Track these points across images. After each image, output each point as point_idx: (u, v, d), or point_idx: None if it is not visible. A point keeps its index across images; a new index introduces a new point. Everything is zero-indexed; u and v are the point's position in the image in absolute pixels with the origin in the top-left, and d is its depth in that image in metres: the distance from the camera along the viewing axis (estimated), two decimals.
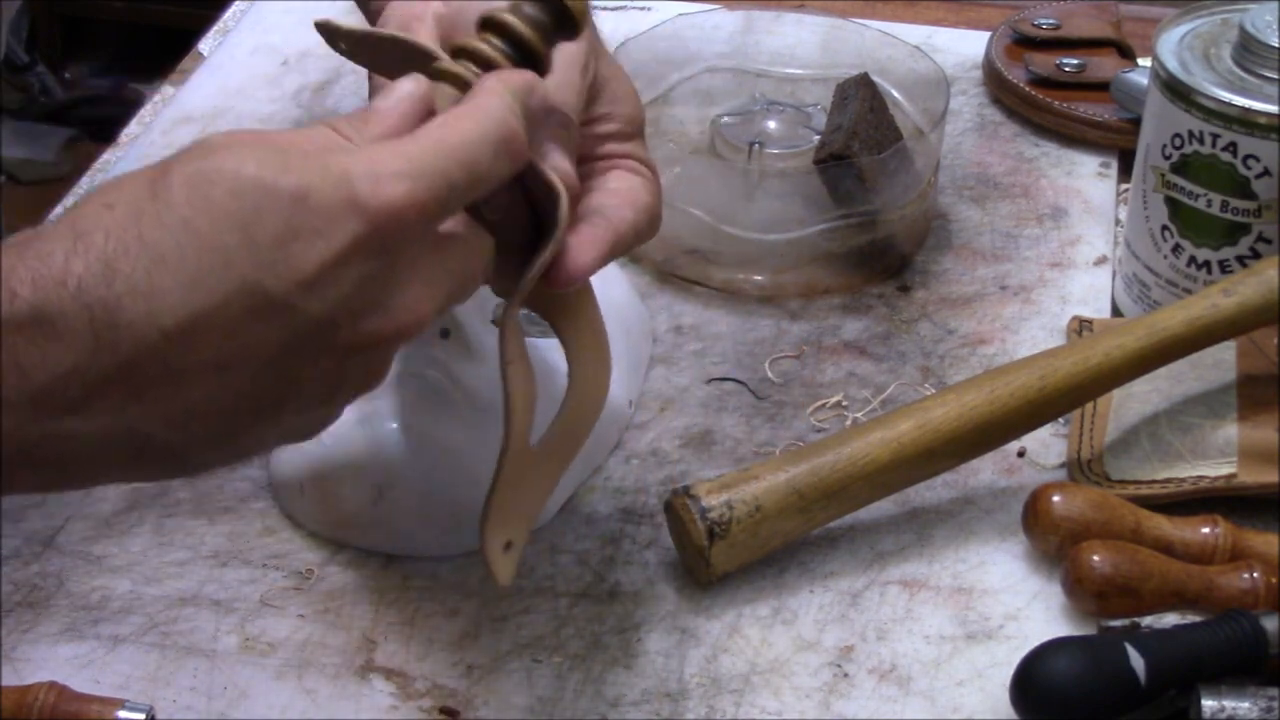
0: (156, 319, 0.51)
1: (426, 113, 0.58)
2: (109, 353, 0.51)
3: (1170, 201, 0.86)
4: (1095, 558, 0.71)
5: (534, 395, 0.64)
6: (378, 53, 0.66)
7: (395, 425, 0.76)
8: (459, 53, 0.61)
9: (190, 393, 0.52)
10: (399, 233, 0.53)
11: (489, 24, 0.61)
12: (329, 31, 0.66)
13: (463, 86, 0.59)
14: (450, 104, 0.59)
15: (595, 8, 1.09)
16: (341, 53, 0.67)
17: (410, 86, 0.58)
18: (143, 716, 0.67)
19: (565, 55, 0.66)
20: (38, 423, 0.51)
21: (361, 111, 0.58)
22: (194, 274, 0.51)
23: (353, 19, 0.68)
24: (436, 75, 0.60)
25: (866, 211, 0.92)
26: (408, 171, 0.53)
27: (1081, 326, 0.88)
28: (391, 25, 0.67)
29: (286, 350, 0.53)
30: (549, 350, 0.80)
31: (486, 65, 0.60)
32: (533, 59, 0.61)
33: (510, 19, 0.61)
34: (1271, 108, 0.80)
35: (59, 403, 0.51)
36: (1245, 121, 0.81)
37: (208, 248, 0.51)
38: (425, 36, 0.65)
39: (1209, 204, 0.84)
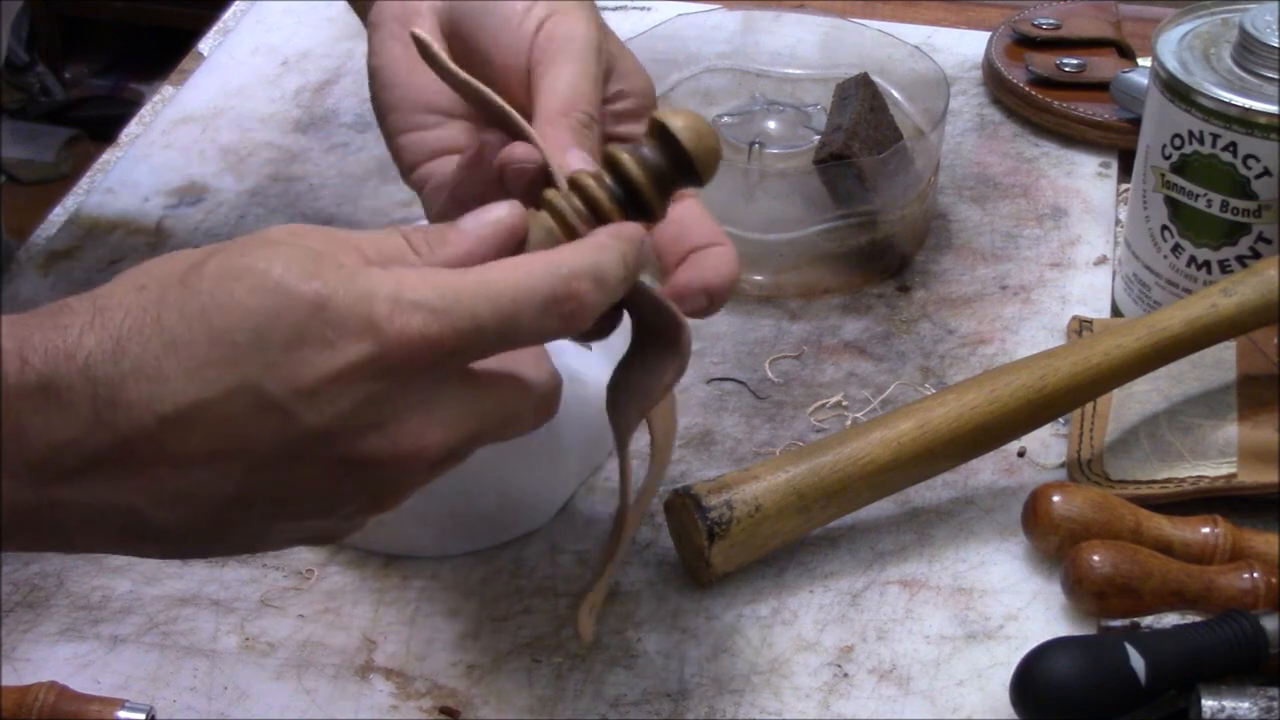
0: (156, 403, 0.51)
1: (515, 244, 0.57)
2: (107, 430, 0.51)
3: (1170, 201, 0.86)
4: (1095, 558, 0.71)
5: (651, 498, 0.65)
6: (463, 92, 0.64)
7: None
8: (571, 184, 0.59)
9: (182, 478, 0.52)
10: (410, 362, 0.52)
11: (609, 162, 0.59)
12: (422, 47, 0.64)
13: (564, 225, 0.57)
14: (542, 238, 0.57)
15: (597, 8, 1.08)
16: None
17: (503, 213, 0.57)
18: (143, 716, 0.67)
19: (579, 43, 0.65)
20: (34, 489, 0.52)
21: (444, 227, 0.57)
22: (199, 364, 0.51)
23: (353, 18, 0.68)
24: (542, 203, 0.58)
25: (866, 211, 0.92)
26: (433, 304, 0.52)
27: (1081, 326, 0.88)
28: (386, 19, 0.67)
29: (281, 453, 0.53)
30: (549, 351, 0.80)
31: (592, 205, 0.58)
32: (646, 209, 0.59)
33: (631, 165, 0.58)
34: (1271, 108, 0.80)
35: (55, 471, 0.52)
36: (1245, 121, 0.81)
37: (218, 340, 0.51)
38: (424, 28, 0.65)
39: (1209, 204, 0.84)
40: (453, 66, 0.63)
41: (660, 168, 0.58)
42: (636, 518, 0.65)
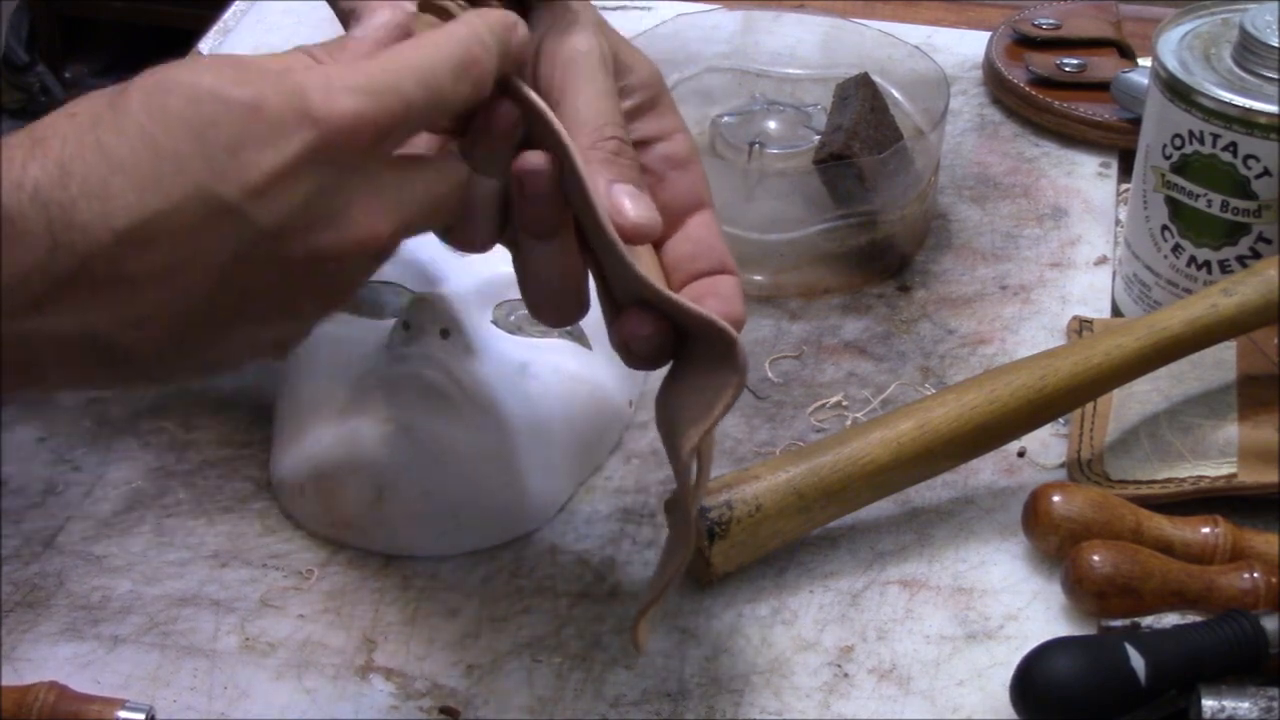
0: (110, 220, 0.52)
1: (403, 41, 0.59)
2: (66, 253, 0.52)
3: (1170, 201, 0.86)
4: (1095, 558, 0.71)
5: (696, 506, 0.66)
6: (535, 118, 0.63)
7: (395, 425, 0.75)
8: None
9: (145, 296, 0.53)
10: (351, 145, 0.54)
11: None
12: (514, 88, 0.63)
13: (445, 18, 0.59)
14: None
15: (598, 8, 1.08)
16: None
17: (388, 14, 0.59)
18: (143, 716, 0.67)
19: (585, 60, 0.64)
20: (5, 323, 0.52)
21: (338, 38, 0.59)
22: (147, 178, 0.52)
23: None
24: (422, 6, 0.60)
25: (866, 211, 0.92)
26: (363, 86, 0.54)
27: (1081, 326, 0.88)
28: None
29: (238, 258, 0.53)
30: (549, 350, 0.80)
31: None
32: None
33: None
34: (1271, 108, 0.80)
35: (21, 302, 0.52)
36: (1245, 121, 0.81)
37: (162, 153, 0.52)
38: None
39: (1209, 204, 0.84)
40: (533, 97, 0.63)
41: None
42: (691, 531, 0.66)
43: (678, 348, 0.63)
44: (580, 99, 0.64)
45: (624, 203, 0.62)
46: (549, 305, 0.65)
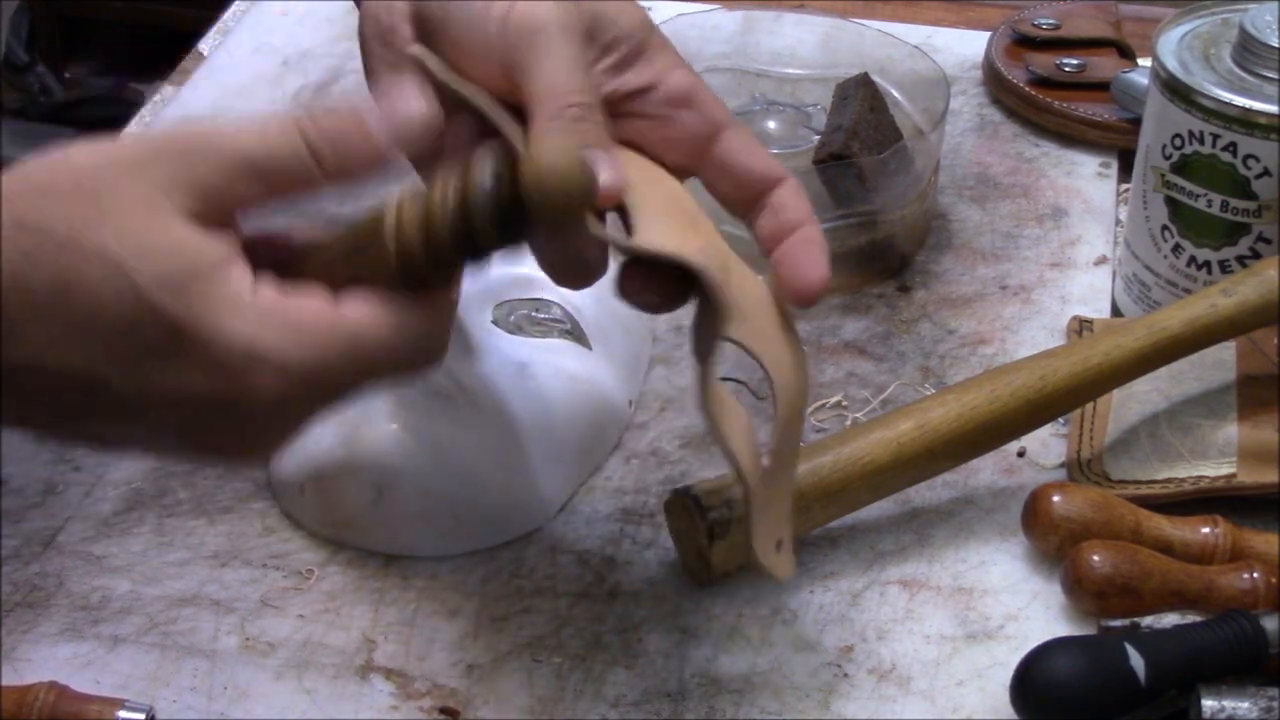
0: (8, 351, 0.53)
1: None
2: None
3: (1170, 201, 0.86)
4: (1095, 558, 0.71)
5: (751, 433, 0.64)
6: (465, 104, 0.63)
7: (395, 425, 0.76)
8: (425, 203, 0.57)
9: (25, 409, 0.56)
10: (253, 406, 0.55)
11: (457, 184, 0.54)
12: (421, 65, 0.63)
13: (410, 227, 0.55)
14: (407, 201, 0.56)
15: None
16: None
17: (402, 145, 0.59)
18: (143, 716, 0.67)
19: (549, 28, 0.63)
20: None
21: (352, 128, 0.57)
22: (54, 338, 0.53)
23: (353, 18, 0.67)
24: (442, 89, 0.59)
25: (866, 211, 0.92)
26: (284, 362, 0.54)
27: (1081, 326, 0.88)
28: (369, 40, 0.66)
29: (114, 422, 0.56)
30: (549, 351, 0.80)
31: (427, 232, 0.55)
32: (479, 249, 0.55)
33: (447, 211, 0.54)
34: (1271, 108, 0.80)
35: None
36: (1245, 121, 0.81)
37: (76, 325, 0.53)
38: (403, 39, 0.64)
39: (1209, 204, 0.84)
40: (453, 81, 0.63)
41: (492, 209, 0.54)
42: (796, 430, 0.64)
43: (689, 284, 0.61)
44: (540, 74, 0.63)
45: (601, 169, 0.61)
46: (559, 277, 0.64)
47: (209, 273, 0.54)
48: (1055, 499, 0.74)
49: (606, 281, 0.80)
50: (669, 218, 0.63)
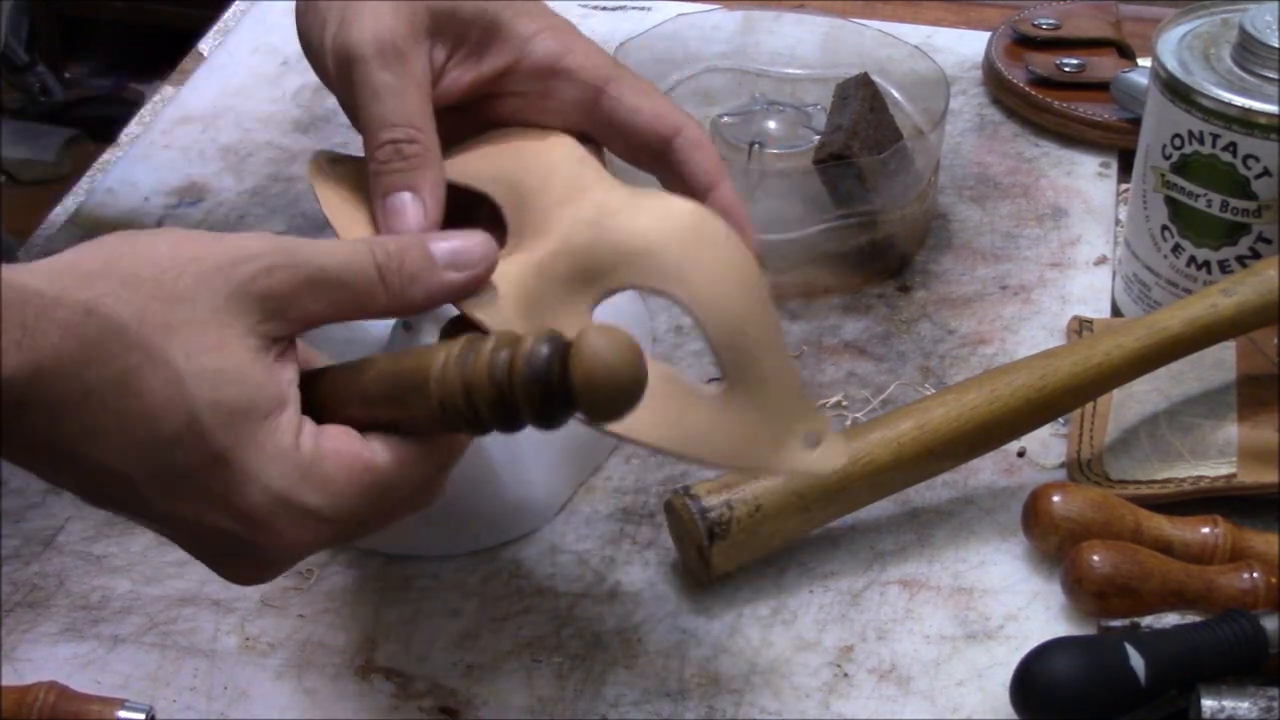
0: (52, 435, 0.53)
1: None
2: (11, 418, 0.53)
3: (1170, 201, 0.86)
4: (1095, 558, 0.71)
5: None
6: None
7: None
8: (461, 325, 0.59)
9: (57, 478, 0.56)
10: (278, 554, 0.58)
11: (497, 356, 0.53)
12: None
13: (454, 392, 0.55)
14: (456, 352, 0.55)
15: (597, 8, 1.08)
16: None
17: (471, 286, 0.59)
18: (143, 716, 0.67)
19: (360, 70, 0.64)
20: None
21: (423, 266, 0.58)
22: (95, 434, 0.53)
23: None
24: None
25: (866, 211, 0.92)
26: (318, 514, 0.56)
27: (1081, 326, 0.88)
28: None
29: (137, 514, 0.57)
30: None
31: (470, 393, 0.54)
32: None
33: (496, 380, 0.53)
34: (1271, 108, 0.80)
35: None
36: (1245, 121, 0.81)
37: (117, 430, 0.53)
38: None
39: (1209, 204, 0.84)
40: (331, 214, 0.65)
41: (540, 389, 0.52)
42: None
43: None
44: (360, 111, 0.64)
45: (395, 220, 0.64)
46: None
47: (263, 414, 0.55)
48: (1055, 499, 0.74)
49: None
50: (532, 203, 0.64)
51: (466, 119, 0.68)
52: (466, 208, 0.66)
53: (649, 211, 0.62)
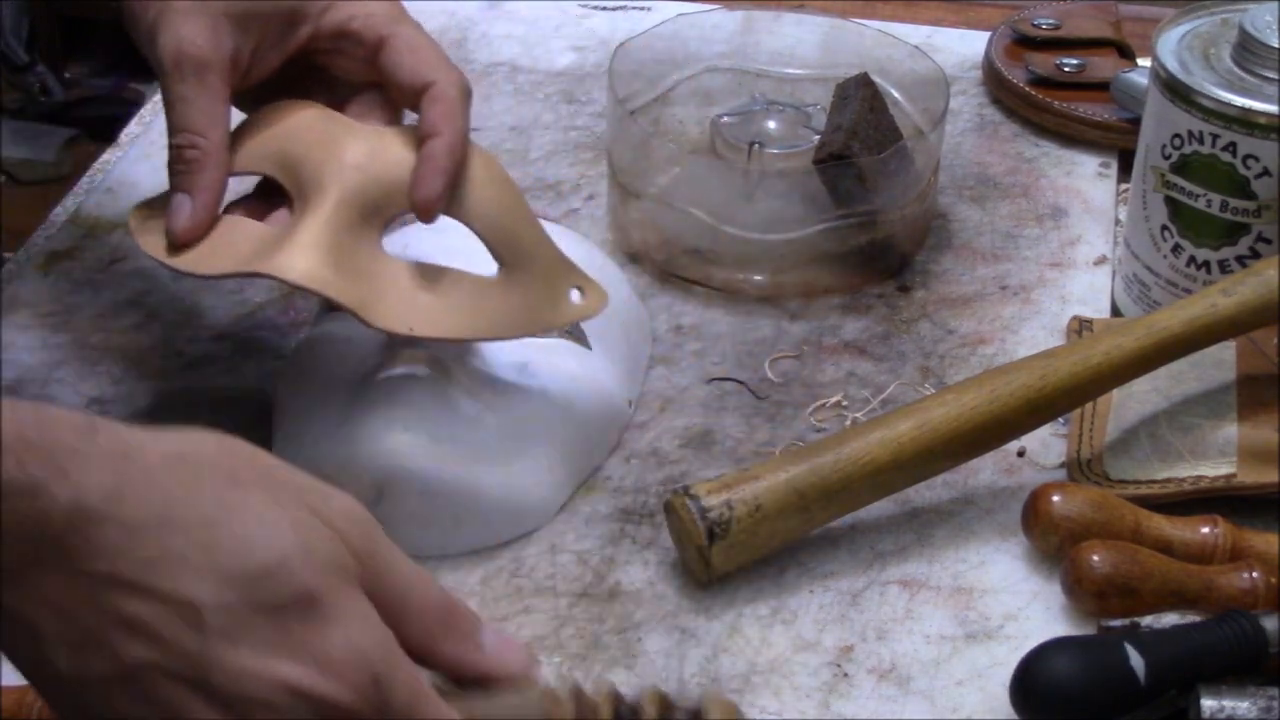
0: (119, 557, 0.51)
1: None
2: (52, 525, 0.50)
3: (1170, 201, 0.86)
4: (1095, 557, 0.71)
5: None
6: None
7: (395, 425, 0.75)
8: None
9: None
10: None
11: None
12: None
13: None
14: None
15: (597, 8, 1.08)
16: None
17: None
18: None
19: (174, 79, 0.73)
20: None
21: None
22: (175, 563, 0.51)
23: None
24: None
25: (866, 211, 0.92)
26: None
27: (1081, 326, 0.88)
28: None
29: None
30: (549, 351, 0.80)
31: None
32: None
33: None
34: (1271, 108, 0.80)
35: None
36: (1245, 121, 0.81)
37: (199, 557, 0.51)
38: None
39: (1209, 204, 0.84)
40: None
41: None
42: None
43: None
44: (166, 119, 0.74)
45: (171, 219, 0.73)
46: None
47: (352, 574, 0.54)
48: (1055, 499, 0.74)
49: (607, 282, 0.80)
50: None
51: (286, 85, 0.77)
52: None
53: (399, 144, 0.74)
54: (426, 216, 0.73)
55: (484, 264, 0.75)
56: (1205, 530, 0.73)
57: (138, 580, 0.51)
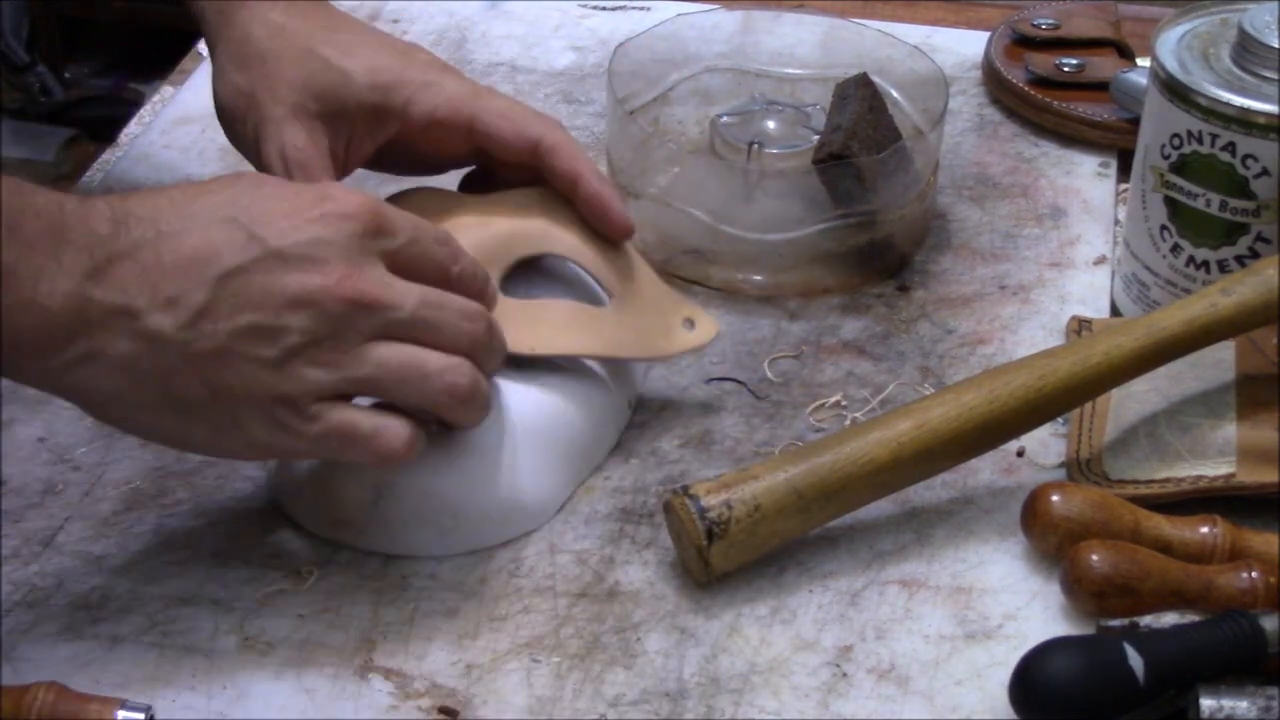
0: (157, 224, 0.67)
1: None
2: (123, 232, 0.66)
3: (1169, 201, 0.86)
4: (1094, 557, 0.71)
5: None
6: None
7: None
8: None
9: (171, 282, 0.66)
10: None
11: None
12: None
13: None
14: None
15: (597, 8, 1.09)
16: None
17: None
18: (142, 716, 0.67)
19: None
20: (78, 282, 0.65)
21: None
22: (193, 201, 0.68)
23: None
24: None
25: (866, 211, 0.92)
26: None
27: (1081, 326, 0.88)
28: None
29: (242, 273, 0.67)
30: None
31: None
32: None
33: None
34: (1270, 107, 0.80)
35: (89, 266, 0.65)
36: (1244, 121, 0.81)
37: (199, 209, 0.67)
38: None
39: (1208, 204, 0.84)
40: None
41: None
42: None
43: None
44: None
45: None
46: None
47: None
48: (1054, 499, 0.74)
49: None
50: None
51: (385, 162, 0.85)
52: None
53: (508, 205, 0.81)
54: (628, 234, 0.82)
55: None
56: (1204, 530, 0.73)
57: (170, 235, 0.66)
